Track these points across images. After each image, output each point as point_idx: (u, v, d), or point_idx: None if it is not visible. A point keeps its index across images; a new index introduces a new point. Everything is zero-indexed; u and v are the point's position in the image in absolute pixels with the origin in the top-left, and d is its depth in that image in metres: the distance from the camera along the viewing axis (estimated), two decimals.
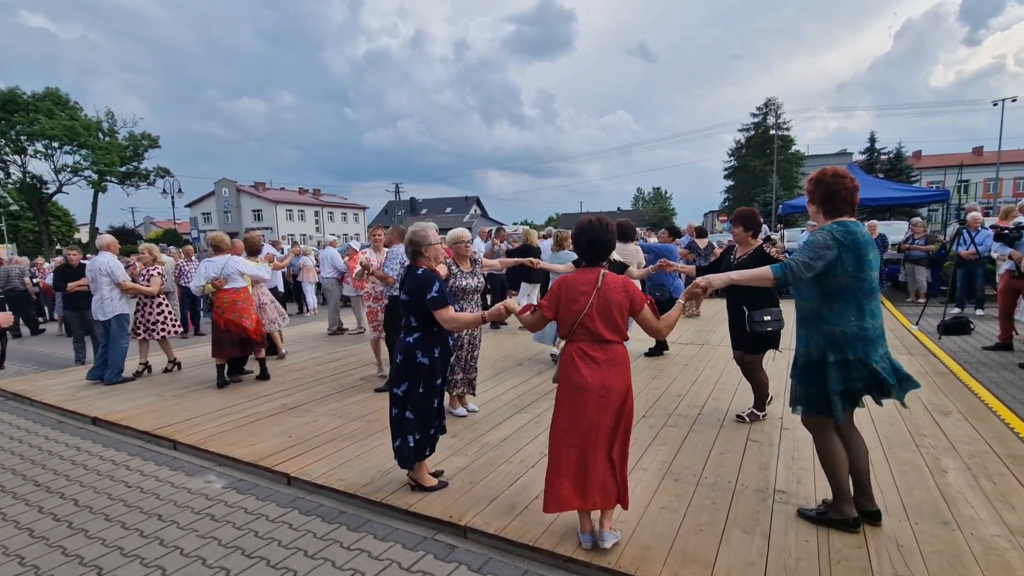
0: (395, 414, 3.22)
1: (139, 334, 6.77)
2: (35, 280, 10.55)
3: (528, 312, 2.78)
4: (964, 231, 8.30)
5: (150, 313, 6.79)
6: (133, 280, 6.73)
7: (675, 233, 7.55)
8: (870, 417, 4.30)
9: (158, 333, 6.81)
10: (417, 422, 3.20)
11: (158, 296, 6.81)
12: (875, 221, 11.81)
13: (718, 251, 4.27)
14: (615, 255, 4.77)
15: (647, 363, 6.42)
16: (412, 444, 3.19)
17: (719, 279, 2.75)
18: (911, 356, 6.17)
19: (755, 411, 4.32)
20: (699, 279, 2.74)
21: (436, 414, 3.33)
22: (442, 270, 4.00)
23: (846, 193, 2.59)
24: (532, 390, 5.34)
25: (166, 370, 6.91)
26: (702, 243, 9.36)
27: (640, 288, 2.66)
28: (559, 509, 2.62)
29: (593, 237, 2.63)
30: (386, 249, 5.98)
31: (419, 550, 2.78)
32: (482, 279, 4.59)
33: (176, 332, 7.09)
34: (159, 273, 6.82)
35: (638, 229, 12.02)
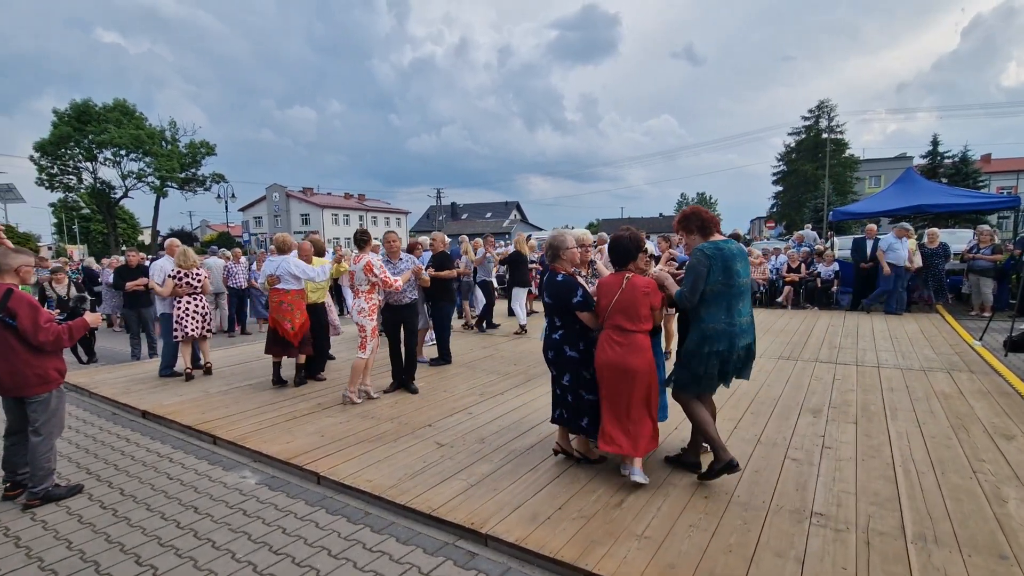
0: (570, 400, 3.65)
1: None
2: (99, 279, 11.25)
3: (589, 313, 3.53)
4: None
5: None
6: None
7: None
8: (922, 438, 4.03)
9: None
10: (595, 401, 3.56)
11: (176, 298, 6.71)
12: (935, 229, 11.08)
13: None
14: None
15: None
16: (585, 424, 3.62)
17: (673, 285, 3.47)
18: (972, 374, 5.76)
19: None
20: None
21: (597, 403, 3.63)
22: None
23: (710, 219, 3.34)
24: None
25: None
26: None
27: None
28: (606, 448, 3.40)
29: (621, 247, 3.44)
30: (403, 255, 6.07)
31: (439, 555, 2.78)
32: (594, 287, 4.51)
33: (186, 336, 6.73)
34: (171, 276, 6.74)
35: (674, 237, 11.79)
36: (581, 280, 4.14)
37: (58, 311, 4.03)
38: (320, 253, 7.10)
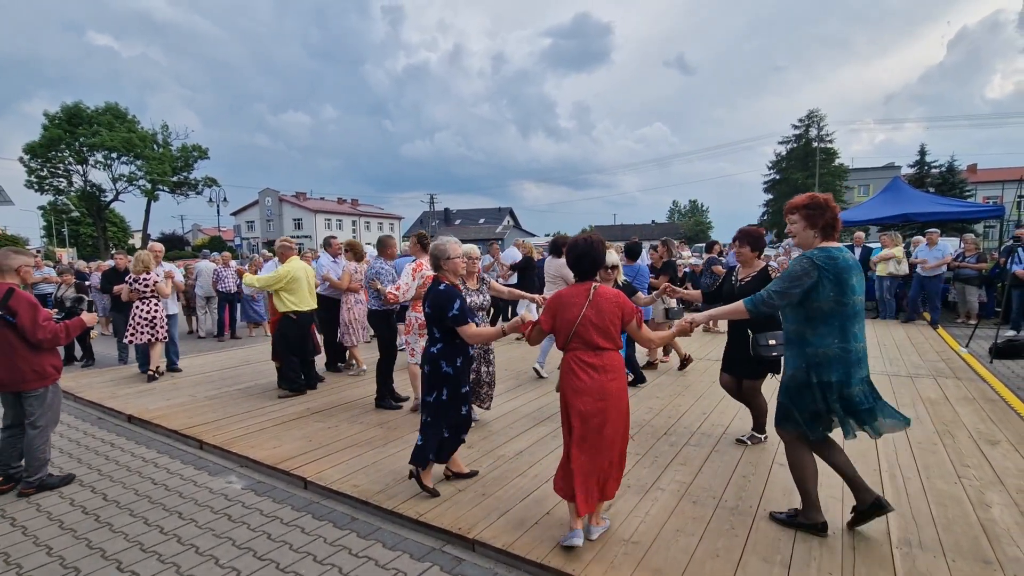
0: (424, 419, 3.38)
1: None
2: (87, 283, 11.12)
3: (529, 329, 3.01)
4: (1020, 249, 7.81)
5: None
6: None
7: (631, 254, 6.27)
8: (908, 444, 4.06)
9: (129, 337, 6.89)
10: (443, 426, 3.36)
11: (137, 302, 6.82)
12: (920, 238, 11.21)
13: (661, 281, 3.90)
14: (624, 278, 4.73)
15: (672, 380, 6.27)
16: (434, 445, 3.35)
17: (701, 317, 3.04)
18: (958, 380, 5.81)
19: (755, 434, 4.17)
20: (686, 317, 3.04)
21: (464, 422, 3.48)
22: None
23: (838, 222, 2.74)
24: (552, 403, 5.27)
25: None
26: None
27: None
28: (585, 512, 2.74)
29: (580, 253, 2.83)
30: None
31: (426, 561, 2.76)
32: (488, 297, 4.59)
33: (143, 340, 6.81)
34: (125, 281, 6.92)
35: (675, 242, 11.85)
36: (463, 290, 4.11)
37: (55, 310, 4.19)
38: (360, 257, 6.95)
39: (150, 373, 6.79)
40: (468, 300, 4.37)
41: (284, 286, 5.76)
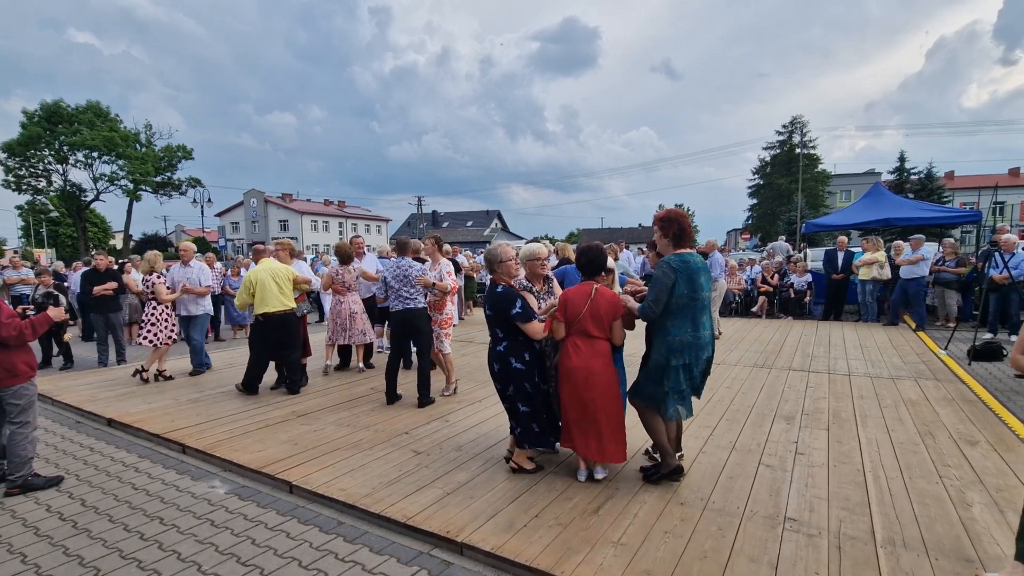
0: (510, 409, 3.68)
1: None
2: (65, 284, 10.88)
3: (551, 324, 3.50)
4: (996, 253, 7.99)
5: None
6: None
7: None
8: (891, 444, 4.13)
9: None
10: (532, 413, 3.60)
11: (146, 303, 6.79)
12: (900, 242, 11.40)
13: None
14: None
15: None
16: (537, 430, 3.62)
17: (630, 289, 3.64)
18: (938, 382, 5.92)
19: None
20: (627, 287, 3.76)
21: (546, 409, 3.65)
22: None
23: (688, 230, 3.29)
24: None
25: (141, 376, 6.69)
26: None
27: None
28: (567, 446, 3.54)
29: (591, 258, 3.50)
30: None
31: (413, 565, 2.73)
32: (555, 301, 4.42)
33: (150, 342, 6.70)
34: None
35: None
36: (531, 294, 3.94)
37: (31, 307, 4.17)
38: (347, 260, 6.88)
39: (138, 371, 6.69)
40: (539, 303, 3.94)
41: (254, 292, 5.80)
